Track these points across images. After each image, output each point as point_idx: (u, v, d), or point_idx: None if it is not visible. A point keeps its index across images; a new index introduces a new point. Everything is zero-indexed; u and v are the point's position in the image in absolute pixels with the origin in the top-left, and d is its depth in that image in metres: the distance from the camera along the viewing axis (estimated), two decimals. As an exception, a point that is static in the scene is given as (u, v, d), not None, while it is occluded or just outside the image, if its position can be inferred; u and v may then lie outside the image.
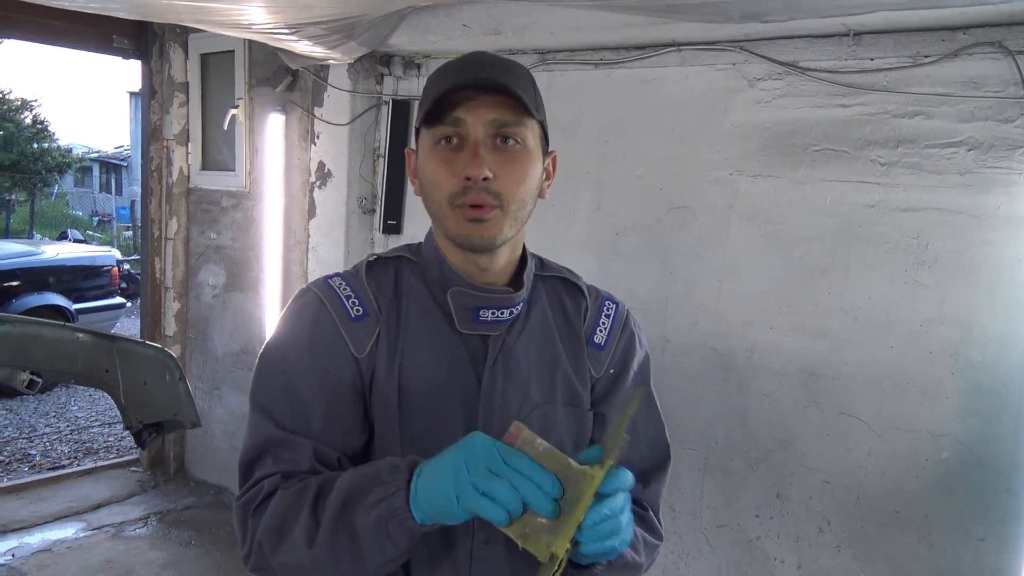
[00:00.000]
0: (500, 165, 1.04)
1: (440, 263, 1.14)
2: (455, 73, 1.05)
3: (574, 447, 1.19)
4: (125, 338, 2.29)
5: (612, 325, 1.26)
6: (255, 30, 3.08)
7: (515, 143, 1.06)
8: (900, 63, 2.36)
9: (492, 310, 1.13)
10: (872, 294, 2.45)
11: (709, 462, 2.79)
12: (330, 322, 1.11)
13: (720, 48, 2.67)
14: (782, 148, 2.59)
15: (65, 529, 3.83)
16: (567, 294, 1.26)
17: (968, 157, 2.28)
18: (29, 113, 18.50)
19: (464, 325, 1.13)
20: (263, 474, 1.05)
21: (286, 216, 3.91)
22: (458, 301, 1.13)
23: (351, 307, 1.12)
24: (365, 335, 1.11)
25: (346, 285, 1.14)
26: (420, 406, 1.11)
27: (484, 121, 1.04)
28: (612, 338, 1.25)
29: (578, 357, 1.22)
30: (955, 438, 2.34)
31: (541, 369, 1.18)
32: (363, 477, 0.96)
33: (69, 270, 7.31)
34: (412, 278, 1.17)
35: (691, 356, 2.82)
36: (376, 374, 1.10)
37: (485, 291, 1.12)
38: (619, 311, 1.28)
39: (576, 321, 1.24)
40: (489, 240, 1.07)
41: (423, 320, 1.14)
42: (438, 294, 1.15)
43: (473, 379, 1.13)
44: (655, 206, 2.87)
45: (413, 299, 1.15)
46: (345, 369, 1.10)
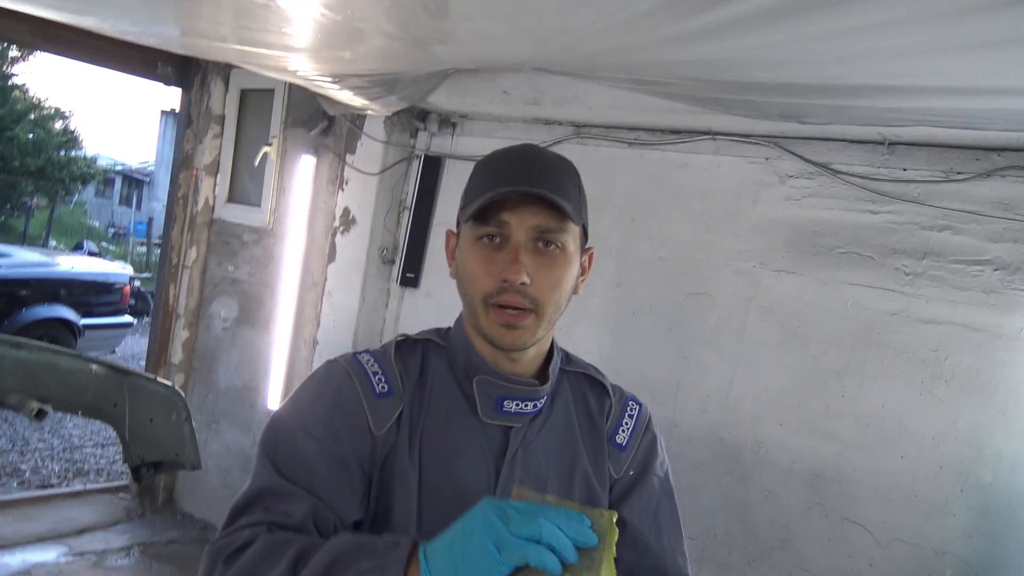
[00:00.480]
0: (538, 269, 1.06)
1: (468, 351, 1.15)
2: (506, 175, 1.06)
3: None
4: (137, 373, 2.28)
5: (635, 425, 1.26)
6: (299, 75, 3.14)
7: (556, 248, 1.08)
8: (932, 176, 2.38)
9: (516, 401, 1.13)
10: (886, 402, 2.43)
11: (706, 554, 2.75)
12: (354, 395, 1.10)
13: (754, 142, 2.71)
14: (807, 246, 2.60)
15: (47, 552, 3.77)
16: (591, 391, 1.26)
17: (994, 276, 2.28)
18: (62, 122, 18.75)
19: (487, 414, 1.13)
20: (248, 521, 1.01)
21: (305, 257, 3.93)
22: (483, 389, 1.13)
23: (376, 383, 1.12)
24: (387, 412, 1.10)
25: (374, 361, 1.15)
26: (439, 492, 1.09)
27: (528, 226, 1.06)
28: (634, 439, 1.25)
29: (598, 456, 1.21)
30: (959, 557, 2.29)
31: (560, 465, 1.17)
32: (357, 544, 0.93)
33: (81, 284, 7.33)
34: (439, 362, 1.18)
35: (697, 443, 2.79)
36: (394, 454, 1.09)
37: (510, 381, 1.13)
38: (642, 413, 1.28)
39: (599, 419, 1.23)
40: (520, 345, 1.09)
41: (447, 405, 1.14)
42: (463, 381, 1.15)
43: (492, 470, 1.12)
44: (675, 289, 2.88)
45: (438, 383, 1.15)
46: (360, 444, 1.08)
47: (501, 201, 1.05)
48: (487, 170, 1.10)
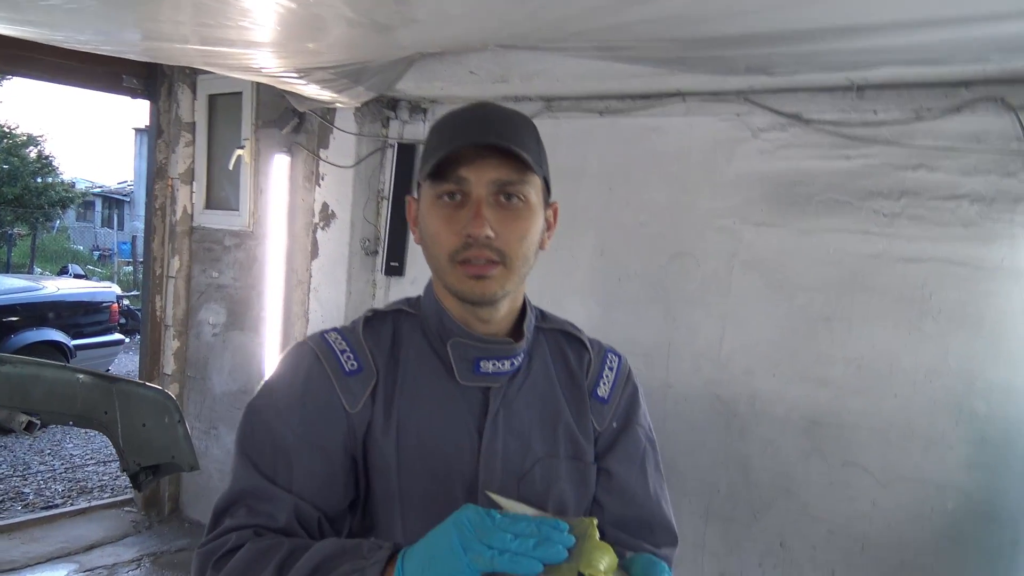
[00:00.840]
0: (502, 222, 1.04)
1: (440, 314, 1.13)
2: (460, 131, 1.05)
3: (577, 501, 1.17)
4: (125, 380, 2.28)
5: (616, 378, 1.24)
6: (264, 74, 3.11)
7: (518, 200, 1.06)
8: (903, 117, 2.39)
9: (492, 361, 1.11)
10: (875, 344, 2.45)
11: (711, 510, 2.76)
12: (324, 376, 1.09)
13: (724, 99, 2.71)
14: (785, 198, 2.61)
15: (57, 571, 3.77)
16: (569, 346, 1.25)
17: (971, 210, 2.29)
18: (35, 148, 18.61)
19: (464, 377, 1.11)
20: (233, 524, 1.01)
21: (288, 256, 3.92)
22: (458, 352, 1.11)
23: (345, 361, 1.10)
24: (359, 389, 1.09)
25: (342, 339, 1.13)
26: (419, 462, 1.08)
27: (487, 180, 1.04)
28: (616, 391, 1.24)
29: (581, 410, 1.20)
30: (960, 489, 2.32)
31: (543, 422, 1.16)
32: (341, 548, 0.93)
33: (68, 306, 7.30)
34: (411, 331, 1.16)
35: (693, 403, 2.81)
36: (371, 430, 1.08)
37: (485, 341, 1.11)
38: (622, 365, 1.27)
39: (579, 373, 1.22)
40: (490, 296, 1.07)
41: (422, 373, 1.12)
42: (437, 346, 1.13)
43: (474, 433, 1.11)
44: (658, 252, 2.88)
45: (412, 352, 1.14)
46: (336, 425, 1.07)
47: (458, 158, 1.03)
48: (442, 129, 1.09)
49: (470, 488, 1.10)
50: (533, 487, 1.12)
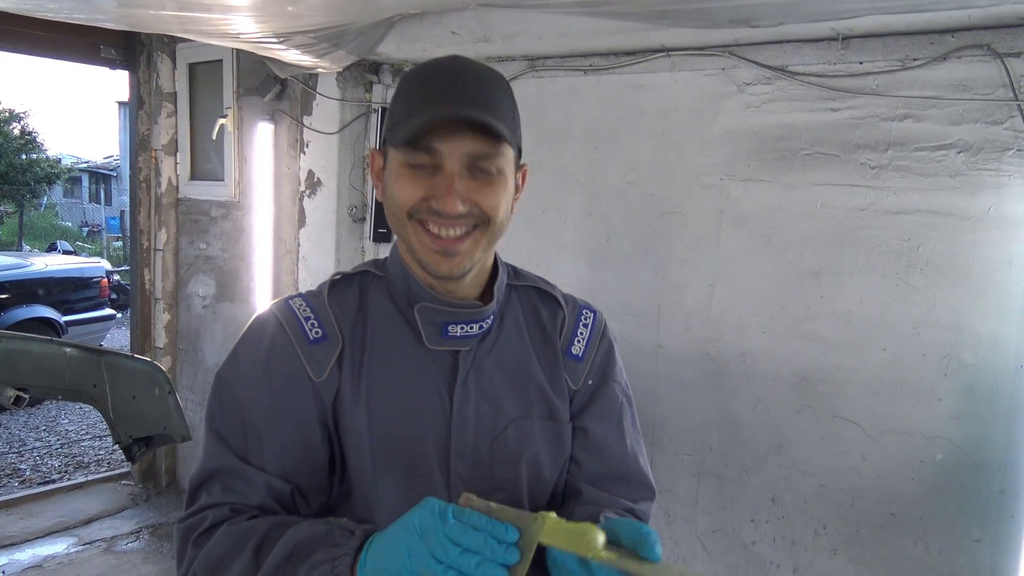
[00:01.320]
0: (475, 192, 1.01)
1: (406, 278, 1.11)
2: (433, 96, 1.00)
3: (552, 461, 1.16)
4: (113, 352, 2.27)
5: (590, 335, 1.22)
6: (243, 39, 3.07)
7: (491, 173, 1.02)
8: (889, 67, 2.36)
9: (461, 325, 1.09)
10: (864, 297, 2.45)
11: (703, 468, 2.78)
12: (287, 346, 1.07)
13: (709, 53, 2.68)
14: (772, 152, 2.59)
15: (56, 544, 3.79)
16: (542, 304, 1.22)
17: (958, 159, 2.28)
18: (17, 124, 18.40)
19: (432, 341, 1.09)
20: (210, 502, 1.01)
21: (276, 225, 3.90)
22: (426, 317, 1.09)
23: (309, 329, 1.08)
24: (324, 357, 1.07)
25: (306, 306, 1.10)
26: (391, 428, 1.07)
27: (461, 153, 1.00)
28: (591, 348, 1.21)
29: (554, 369, 1.18)
30: (949, 440, 2.33)
31: (515, 383, 1.14)
32: (314, 534, 0.92)
33: (58, 282, 7.27)
34: (378, 294, 1.14)
35: (684, 362, 2.81)
36: (340, 398, 1.07)
37: (453, 305, 1.09)
38: (597, 320, 1.25)
39: (552, 332, 1.20)
40: (459, 271, 1.05)
41: (390, 338, 1.10)
42: (405, 310, 1.11)
43: (445, 397, 1.09)
44: (646, 212, 2.87)
45: (379, 316, 1.12)
46: (303, 395, 1.06)
47: (431, 127, 0.99)
48: (414, 88, 1.04)
49: (443, 453, 1.08)
50: (506, 448, 1.11)
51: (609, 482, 1.19)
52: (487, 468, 1.10)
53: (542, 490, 1.16)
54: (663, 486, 2.87)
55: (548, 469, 1.15)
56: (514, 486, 1.12)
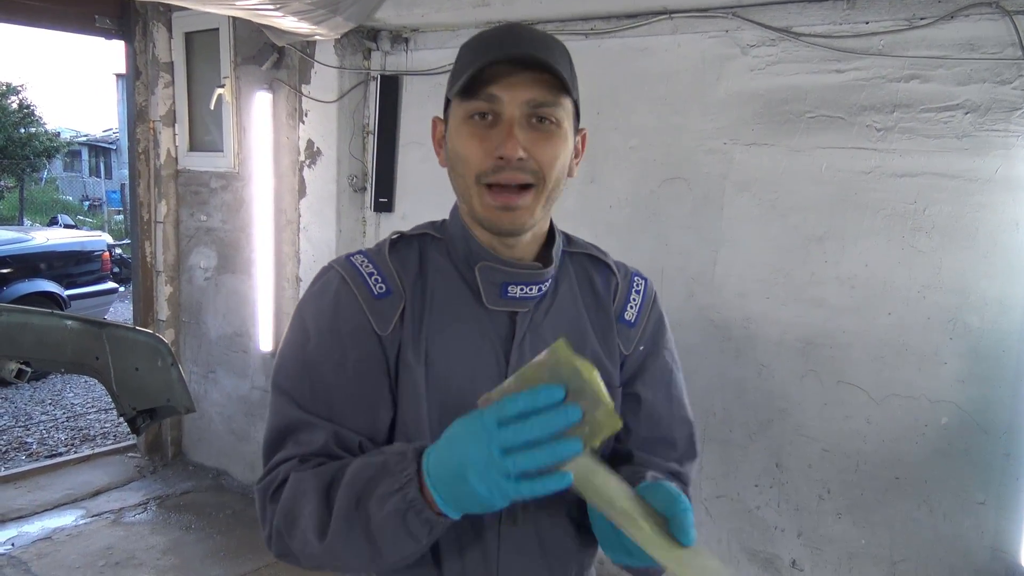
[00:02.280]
0: (534, 144, 1.01)
1: (466, 239, 1.11)
2: (492, 46, 1.01)
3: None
4: (115, 324, 2.26)
5: (643, 302, 1.23)
6: (239, 6, 3.02)
7: (550, 123, 1.02)
8: (895, 26, 2.32)
9: (521, 286, 1.10)
10: (869, 261, 2.43)
11: (708, 434, 2.79)
12: (352, 300, 1.08)
13: (712, 15, 2.63)
14: (776, 116, 2.56)
15: (64, 517, 3.82)
16: (596, 270, 1.23)
17: (965, 120, 2.25)
18: (15, 98, 18.29)
19: (492, 301, 1.10)
20: (283, 457, 1.04)
21: (276, 196, 3.87)
22: (486, 277, 1.10)
23: (373, 284, 1.09)
24: (389, 312, 1.08)
25: (368, 262, 1.11)
26: (448, 384, 1.08)
27: (521, 100, 1.00)
28: (643, 315, 1.23)
29: (607, 334, 1.19)
30: (954, 404, 2.33)
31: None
32: (371, 467, 0.94)
33: (60, 256, 7.26)
34: (437, 255, 1.15)
35: (688, 328, 2.80)
36: (402, 352, 1.08)
37: (514, 266, 1.10)
38: (648, 287, 1.26)
39: (605, 298, 1.21)
40: (519, 226, 1.05)
41: (449, 297, 1.11)
42: (464, 270, 1.12)
43: (501, 356, 1.10)
44: (648, 177, 2.84)
45: (439, 276, 1.13)
46: (369, 348, 1.07)
47: (490, 76, 0.99)
48: (473, 46, 1.05)
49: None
50: None
51: (657, 446, 1.22)
52: None
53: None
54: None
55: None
56: None
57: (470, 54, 1.04)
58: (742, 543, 2.75)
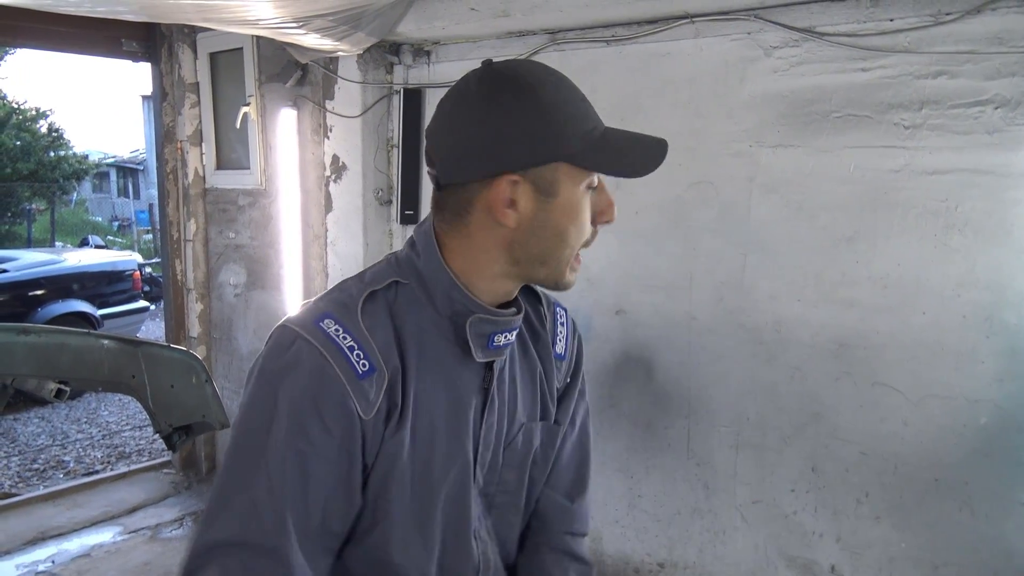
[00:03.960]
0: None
1: (450, 288, 1.01)
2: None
3: (544, 462, 1.18)
4: (150, 343, 2.29)
5: (568, 334, 1.23)
6: (262, 26, 3.06)
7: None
8: (921, 22, 2.30)
9: (504, 333, 1.05)
10: (901, 261, 2.40)
11: (741, 439, 2.76)
12: (335, 380, 0.93)
13: (734, 17, 2.62)
14: (802, 116, 2.54)
15: (103, 533, 3.87)
16: (527, 300, 1.16)
17: (995, 115, 2.22)
18: (44, 122, 18.62)
19: (480, 354, 1.03)
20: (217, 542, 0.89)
21: (303, 211, 3.90)
22: (476, 330, 1.01)
23: (356, 361, 0.95)
24: (372, 393, 0.95)
25: (344, 333, 0.96)
26: (435, 449, 1.02)
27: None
28: (569, 347, 1.22)
29: (549, 370, 1.18)
30: (993, 403, 2.29)
31: (525, 388, 1.14)
32: None
33: (92, 276, 7.37)
34: (408, 306, 1.02)
35: (718, 333, 2.78)
36: (384, 434, 0.98)
37: (500, 315, 1.03)
38: (569, 318, 1.25)
39: (542, 331, 1.18)
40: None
41: (433, 356, 1.02)
42: (443, 323, 1.03)
43: (478, 408, 1.07)
44: (674, 182, 2.83)
45: (417, 334, 1.02)
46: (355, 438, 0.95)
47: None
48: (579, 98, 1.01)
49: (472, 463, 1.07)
50: (515, 453, 1.13)
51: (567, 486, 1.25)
52: (497, 473, 1.12)
53: (533, 491, 1.19)
54: (700, 458, 2.85)
55: (540, 469, 1.18)
56: (517, 489, 1.15)
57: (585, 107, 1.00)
58: (779, 549, 2.72)
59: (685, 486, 2.91)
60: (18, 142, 17.26)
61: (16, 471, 5.14)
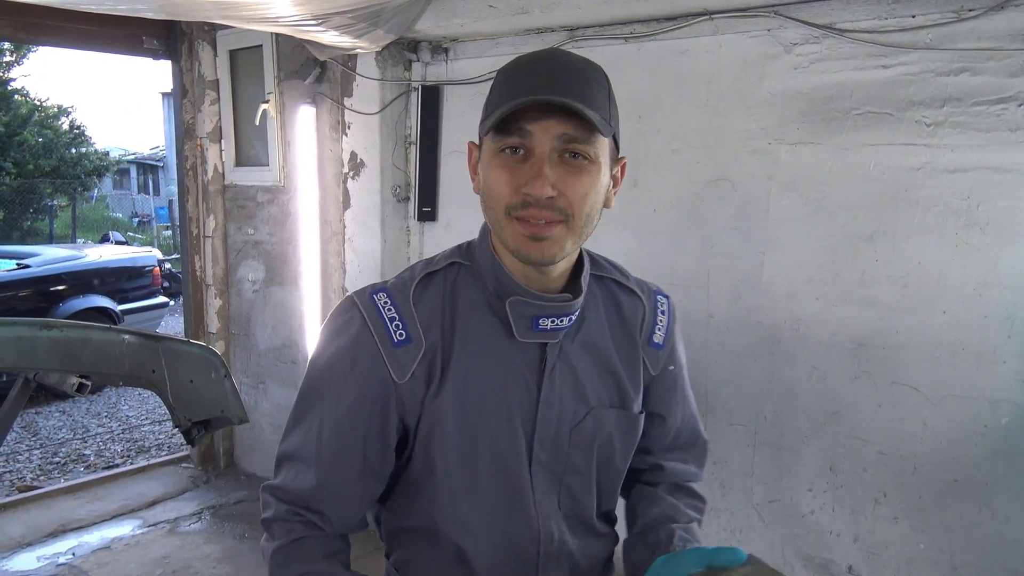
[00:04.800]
0: (565, 179, 0.99)
1: (496, 269, 1.09)
2: (526, 82, 0.98)
3: (623, 449, 1.21)
4: (170, 338, 2.31)
5: (668, 323, 1.25)
6: (282, 23, 3.07)
7: (583, 158, 0.99)
8: (943, 19, 2.28)
9: (552, 318, 1.08)
10: (921, 259, 2.38)
11: (758, 438, 2.75)
12: (372, 346, 1.07)
13: (753, 14, 2.61)
14: (822, 114, 2.52)
15: (122, 527, 3.91)
16: (623, 296, 1.23)
17: (1018, 113, 2.19)
18: (66, 119, 18.79)
19: (523, 334, 1.09)
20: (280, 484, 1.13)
21: (321, 208, 3.92)
22: (517, 311, 1.08)
23: (394, 331, 1.08)
24: (408, 361, 1.08)
25: (391, 305, 1.10)
26: (480, 419, 1.09)
27: (553, 135, 0.98)
28: (669, 335, 1.25)
29: (631, 359, 1.20)
30: (1014, 403, 2.27)
31: (596, 372, 1.16)
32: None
33: (112, 272, 7.42)
34: (465, 286, 1.13)
35: (736, 331, 2.77)
36: (424, 398, 1.09)
37: (544, 299, 1.07)
38: (671, 307, 1.27)
39: (632, 323, 1.22)
40: (549, 258, 1.03)
41: (480, 331, 1.11)
42: (493, 302, 1.10)
43: (532, 387, 1.11)
44: (693, 180, 2.82)
45: (468, 311, 1.11)
46: (386, 396, 1.08)
47: (524, 110, 0.97)
48: (508, 77, 1.02)
49: (528, 441, 1.12)
50: (583, 436, 1.15)
51: (680, 450, 1.32)
52: (564, 453, 1.14)
53: (613, 475, 1.22)
54: (717, 457, 2.84)
55: (619, 456, 1.20)
56: (587, 470, 1.17)
57: (504, 86, 1.01)
58: (796, 548, 2.71)
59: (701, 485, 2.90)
60: (40, 139, 17.42)
61: (38, 464, 5.20)
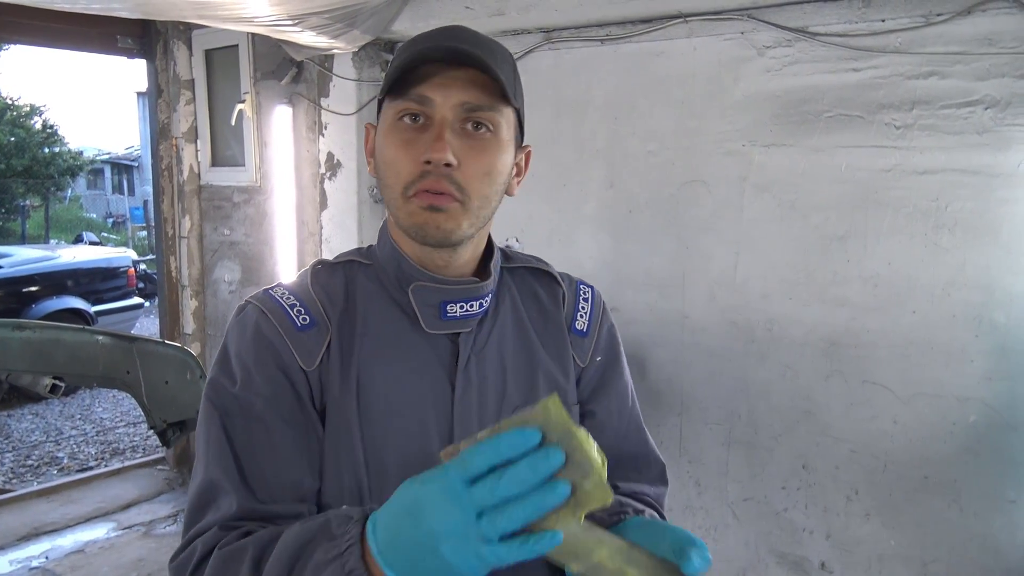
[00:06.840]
0: (466, 152, 0.93)
1: (397, 259, 1.03)
2: (427, 42, 0.94)
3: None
4: (145, 339, 2.30)
5: (592, 310, 1.18)
6: (258, 23, 3.07)
7: (486, 130, 0.95)
8: (912, 23, 2.32)
9: (460, 303, 1.02)
10: (892, 260, 2.42)
11: (733, 436, 2.78)
12: (274, 334, 0.98)
13: (727, 17, 2.64)
14: (794, 116, 2.55)
15: (96, 529, 3.88)
16: (538, 283, 1.17)
17: (985, 116, 2.23)
18: (38, 118, 18.58)
19: (431, 324, 1.02)
20: (202, 527, 0.91)
21: (298, 209, 3.91)
22: (421, 298, 1.01)
23: (296, 316, 0.99)
24: (313, 345, 0.98)
25: (289, 294, 1.02)
26: (387, 421, 0.99)
27: (454, 102, 0.92)
28: (594, 323, 1.17)
29: (560, 348, 1.13)
30: (982, 401, 2.31)
31: (518, 366, 1.08)
32: (309, 532, 0.82)
33: (86, 273, 7.36)
34: (366, 281, 1.06)
35: (710, 331, 2.80)
36: (329, 387, 0.98)
37: (449, 283, 1.01)
38: (596, 295, 1.21)
39: (553, 310, 1.15)
40: (446, 233, 0.96)
41: (383, 324, 1.02)
42: (397, 294, 1.03)
43: (445, 384, 1.02)
44: (668, 181, 2.85)
45: (369, 303, 1.04)
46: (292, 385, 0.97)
47: (423, 75, 0.92)
48: (408, 43, 0.97)
49: (447, 442, 1.00)
50: None
51: (626, 463, 1.16)
52: None
53: None
54: (692, 456, 2.87)
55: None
56: None
57: (404, 51, 0.95)
58: (770, 546, 2.74)
59: (677, 483, 2.93)
60: (12, 138, 17.23)
61: (10, 467, 5.14)
